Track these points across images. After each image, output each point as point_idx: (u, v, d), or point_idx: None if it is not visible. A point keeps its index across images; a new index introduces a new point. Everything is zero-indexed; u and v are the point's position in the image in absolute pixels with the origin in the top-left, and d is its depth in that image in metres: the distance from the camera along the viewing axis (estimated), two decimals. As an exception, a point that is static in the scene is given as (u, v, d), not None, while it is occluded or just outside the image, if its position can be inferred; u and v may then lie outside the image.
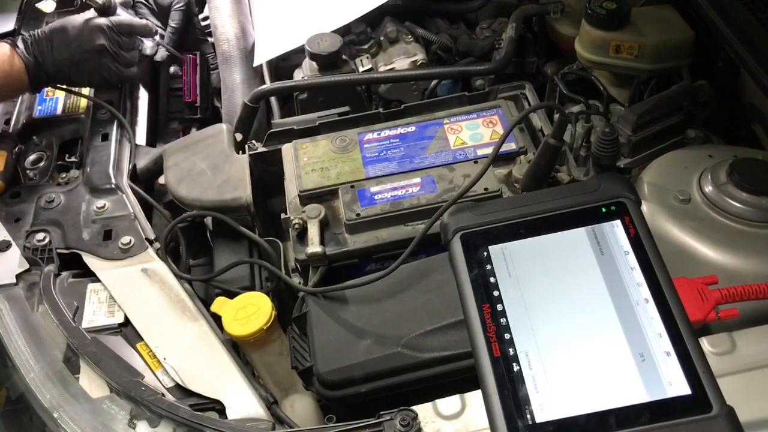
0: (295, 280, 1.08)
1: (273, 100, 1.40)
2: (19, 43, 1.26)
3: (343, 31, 1.40)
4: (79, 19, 1.29)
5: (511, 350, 0.75)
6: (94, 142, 1.30)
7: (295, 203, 1.11)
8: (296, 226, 1.05)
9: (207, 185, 1.17)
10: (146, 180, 1.30)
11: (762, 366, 0.81)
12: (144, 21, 1.41)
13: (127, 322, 1.01)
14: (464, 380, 0.85)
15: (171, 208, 1.23)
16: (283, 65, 1.50)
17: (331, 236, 1.06)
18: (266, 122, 1.37)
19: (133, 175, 1.27)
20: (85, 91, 1.40)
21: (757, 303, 0.84)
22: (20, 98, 1.40)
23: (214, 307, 0.97)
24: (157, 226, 1.22)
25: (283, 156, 1.18)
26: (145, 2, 1.54)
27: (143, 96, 1.47)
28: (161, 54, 1.51)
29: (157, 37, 1.48)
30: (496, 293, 0.80)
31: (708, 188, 0.98)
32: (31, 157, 1.30)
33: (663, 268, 0.79)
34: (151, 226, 1.18)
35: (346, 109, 1.28)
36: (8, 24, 1.56)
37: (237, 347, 0.99)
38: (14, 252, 1.11)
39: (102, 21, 1.29)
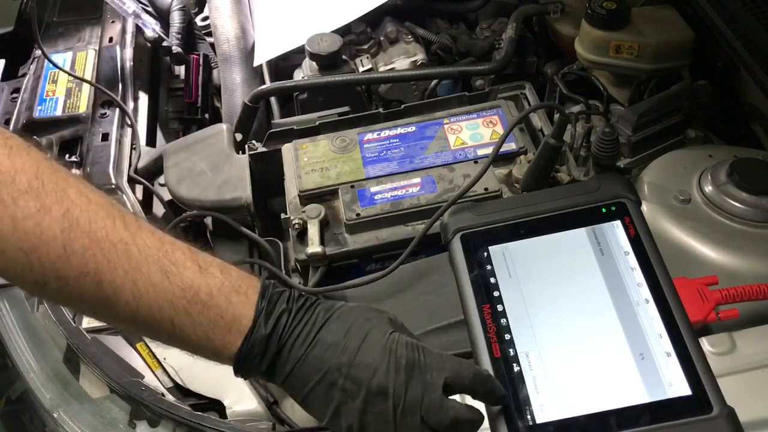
0: (295, 280, 1.08)
1: (273, 100, 1.40)
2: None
3: (343, 31, 1.40)
4: (384, 321, 0.74)
5: (511, 351, 0.75)
6: (94, 142, 1.30)
7: (295, 203, 1.11)
8: (296, 226, 1.05)
9: (207, 185, 1.17)
10: (146, 180, 1.30)
11: (762, 366, 0.81)
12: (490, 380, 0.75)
13: (127, 322, 1.01)
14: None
15: (171, 208, 1.23)
16: (283, 65, 1.49)
17: (331, 236, 1.06)
18: (266, 122, 1.37)
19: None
20: (89, 77, 1.40)
21: (757, 303, 0.85)
22: (20, 98, 1.40)
23: (214, 307, 0.97)
24: (157, 226, 1.22)
25: (283, 156, 1.18)
26: (144, 6, 1.54)
27: (143, 96, 1.47)
28: (172, 43, 1.50)
29: (174, 45, 1.48)
30: (496, 293, 0.80)
31: (708, 188, 0.98)
32: (31, 157, 1.29)
33: (663, 268, 0.79)
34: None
35: (346, 109, 1.28)
36: (8, 24, 1.55)
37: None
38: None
39: (407, 346, 0.71)
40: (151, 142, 1.43)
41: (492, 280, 0.81)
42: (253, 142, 1.23)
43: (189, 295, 0.67)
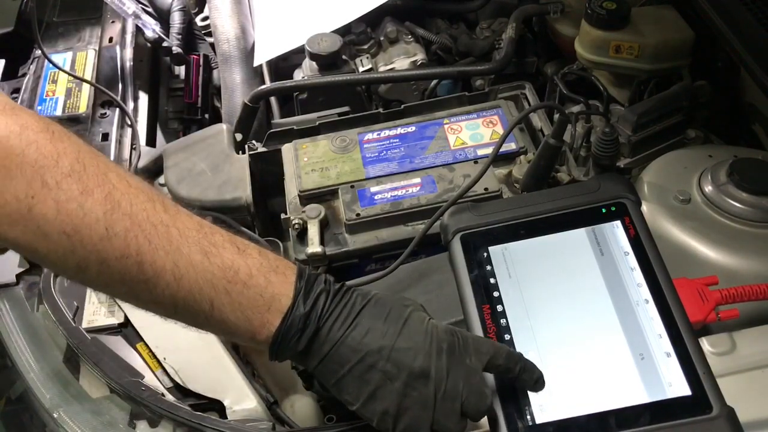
0: (295, 280, 1.07)
1: (273, 100, 1.40)
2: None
3: (343, 31, 1.40)
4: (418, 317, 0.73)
5: (511, 351, 0.75)
6: (94, 142, 1.30)
7: (295, 203, 1.11)
8: (296, 226, 1.05)
9: (207, 185, 1.17)
10: (146, 180, 1.30)
11: (762, 366, 0.81)
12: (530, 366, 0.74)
13: (126, 322, 1.01)
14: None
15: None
16: (283, 65, 1.49)
17: (331, 236, 1.06)
18: (266, 122, 1.37)
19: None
20: (89, 77, 1.40)
21: (757, 303, 0.85)
22: (20, 98, 1.40)
23: (214, 308, 0.97)
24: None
25: (283, 156, 1.18)
26: (144, 6, 1.54)
27: (143, 96, 1.47)
28: (173, 43, 1.50)
29: (174, 45, 1.48)
30: (496, 294, 0.80)
31: (708, 188, 0.98)
32: (32, 157, 1.30)
33: (663, 268, 0.79)
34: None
35: (346, 109, 1.28)
36: (8, 24, 1.55)
37: (237, 347, 0.99)
38: (14, 252, 1.11)
39: (447, 330, 0.72)
40: (151, 142, 1.43)
41: (492, 280, 0.81)
42: (253, 142, 1.23)
43: (229, 275, 0.67)
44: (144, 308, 0.71)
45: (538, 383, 0.72)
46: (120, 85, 1.42)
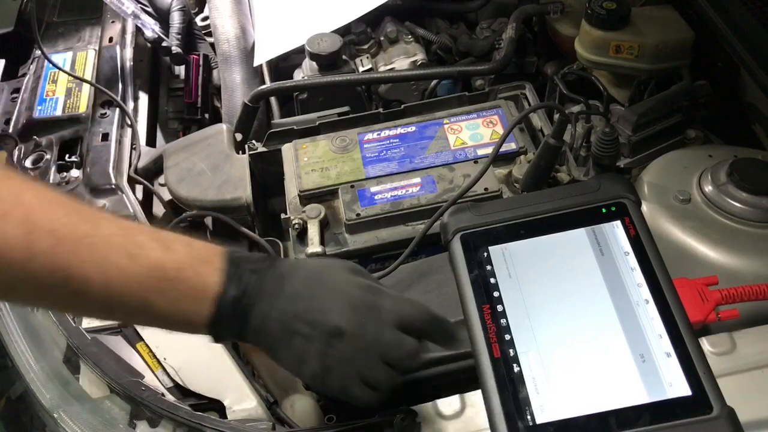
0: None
1: (273, 100, 1.40)
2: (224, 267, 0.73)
3: (343, 31, 1.40)
4: (337, 268, 0.77)
5: (511, 351, 0.75)
6: (94, 142, 1.30)
7: (295, 203, 1.11)
8: (296, 226, 1.05)
9: (207, 185, 1.17)
10: (146, 180, 1.30)
11: (762, 366, 0.81)
12: (436, 317, 0.79)
13: (127, 322, 1.01)
14: (464, 380, 0.85)
15: (171, 208, 1.23)
16: (283, 65, 1.50)
17: (331, 236, 1.06)
18: (266, 122, 1.37)
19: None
20: (89, 78, 1.40)
21: (757, 303, 0.85)
22: (20, 98, 1.40)
23: (214, 308, 0.97)
24: (157, 226, 1.22)
25: (283, 156, 1.18)
26: (144, 6, 1.54)
27: (143, 96, 1.47)
28: (172, 43, 1.50)
29: (174, 45, 1.48)
30: (496, 294, 0.80)
31: (708, 188, 0.98)
32: (32, 158, 1.30)
33: (663, 268, 0.79)
34: (152, 226, 1.18)
35: (346, 109, 1.28)
36: (8, 24, 1.55)
37: (237, 347, 0.99)
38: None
39: (361, 285, 0.75)
40: (151, 142, 1.43)
41: (492, 280, 0.81)
42: (253, 142, 1.23)
43: (158, 274, 0.68)
44: (79, 316, 0.72)
45: (449, 340, 0.77)
46: (120, 85, 1.42)
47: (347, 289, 0.74)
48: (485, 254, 0.83)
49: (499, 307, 0.78)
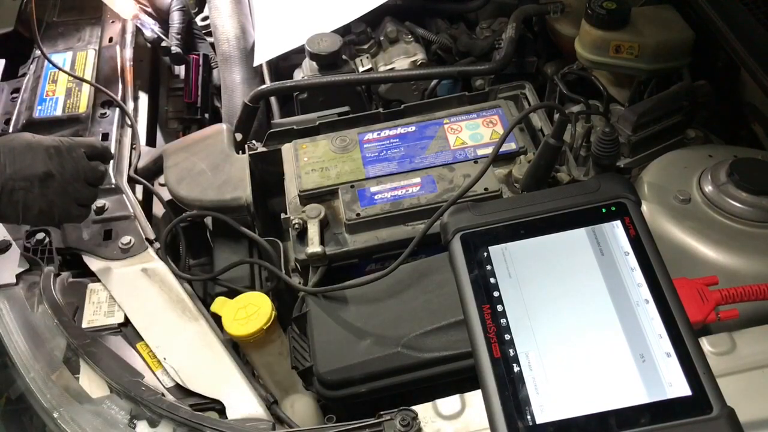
0: (295, 280, 1.08)
1: (273, 100, 1.40)
2: None
3: (343, 31, 1.40)
4: (24, 136, 1.00)
5: (511, 351, 0.75)
6: (94, 142, 1.30)
7: (295, 203, 1.11)
8: (296, 226, 1.05)
9: (207, 185, 1.17)
10: (146, 180, 1.30)
11: (762, 366, 0.81)
12: (105, 144, 1.11)
13: (127, 322, 1.01)
14: (464, 380, 0.85)
15: (171, 208, 1.23)
16: (283, 65, 1.50)
17: (331, 236, 1.06)
18: (266, 122, 1.37)
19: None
20: (89, 78, 1.40)
21: (757, 303, 0.84)
22: (20, 98, 1.40)
23: (214, 307, 0.97)
24: (157, 226, 1.22)
25: (283, 156, 1.18)
26: (143, 6, 1.54)
27: (143, 96, 1.47)
28: (172, 43, 1.50)
29: (174, 45, 1.48)
30: (496, 294, 0.80)
31: (708, 188, 0.98)
32: (31, 157, 1.30)
33: (663, 268, 0.79)
34: (151, 226, 1.18)
35: (346, 109, 1.28)
36: (8, 24, 1.55)
37: (237, 347, 0.99)
38: (14, 252, 1.11)
39: (49, 141, 1.00)
40: (151, 142, 1.43)
41: (492, 280, 0.81)
42: (253, 142, 1.23)
43: None
44: None
45: (103, 156, 1.05)
46: (120, 85, 1.42)
47: (37, 146, 0.97)
48: (485, 254, 0.83)
49: (499, 307, 0.78)
